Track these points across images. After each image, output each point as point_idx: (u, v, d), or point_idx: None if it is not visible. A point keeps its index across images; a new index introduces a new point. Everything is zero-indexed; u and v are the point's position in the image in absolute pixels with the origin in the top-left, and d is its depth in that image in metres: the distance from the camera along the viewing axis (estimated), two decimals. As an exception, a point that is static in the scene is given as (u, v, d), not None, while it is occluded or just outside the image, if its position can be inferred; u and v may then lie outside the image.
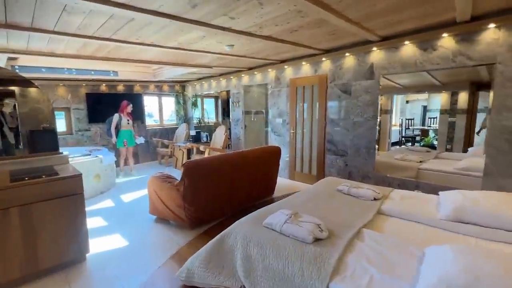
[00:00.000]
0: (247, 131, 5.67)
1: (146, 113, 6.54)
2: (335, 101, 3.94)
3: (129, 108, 5.02)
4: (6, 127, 2.72)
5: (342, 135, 3.90)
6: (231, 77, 5.64)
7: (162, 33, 2.44)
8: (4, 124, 2.76)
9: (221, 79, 5.93)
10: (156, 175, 2.96)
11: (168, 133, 6.80)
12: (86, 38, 2.23)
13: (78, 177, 2.16)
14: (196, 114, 7.02)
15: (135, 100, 6.12)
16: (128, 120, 5.03)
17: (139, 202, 3.78)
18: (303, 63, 4.25)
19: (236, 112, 5.73)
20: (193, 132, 5.96)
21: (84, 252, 2.24)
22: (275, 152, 3.70)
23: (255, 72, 5.09)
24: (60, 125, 5.44)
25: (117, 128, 4.95)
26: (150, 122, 6.87)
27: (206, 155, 4.94)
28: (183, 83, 6.99)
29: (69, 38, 2.24)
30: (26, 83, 2.62)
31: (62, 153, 2.60)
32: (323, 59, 3.98)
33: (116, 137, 4.95)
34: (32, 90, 2.70)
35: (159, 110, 6.85)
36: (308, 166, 4.50)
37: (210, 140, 6.14)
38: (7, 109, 2.78)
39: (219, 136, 5.35)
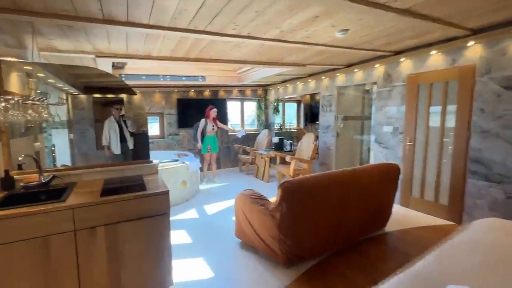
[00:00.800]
0: (339, 140, 4.79)
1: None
2: (490, 103, 2.70)
3: (213, 113, 4.89)
4: (127, 131, 2.73)
5: (502, 152, 2.62)
6: (323, 77, 4.88)
7: (264, 17, 1.94)
8: (125, 129, 2.78)
9: (309, 80, 5.25)
10: (246, 193, 2.48)
11: (248, 139, 6.54)
12: (181, 32, 1.93)
13: (165, 194, 1.82)
14: (277, 119, 6.54)
15: (219, 105, 6.06)
16: (213, 126, 4.92)
17: (223, 216, 3.42)
18: (433, 52, 3.14)
19: (326, 118, 4.93)
20: (275, 139, 5.46)
21: (167, 283, 1.88)
22: (393, 172, 2.74)
23: (355, 70, 4.19)
24: (155, 129, 5.80)
25: (203, 134, 4.89)
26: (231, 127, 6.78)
27: (292, 167, 4.32)
28: (266, 87, 6.64)
29: (164, 34, 1.98)
30: (130, 90, 2.56)
31: (152, 161, 2.39)
32: (469, 43, 2.80)
33: (201, 143, 4.88)
34: (135, 97, 2.65)
35: (241, 115, 6.67)
36: (434, 192, 3.30)
37: (292, 148, 5.51)
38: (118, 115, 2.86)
39: (307, 145, 4.65)
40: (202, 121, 4.89)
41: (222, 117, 6.06)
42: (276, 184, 4.93)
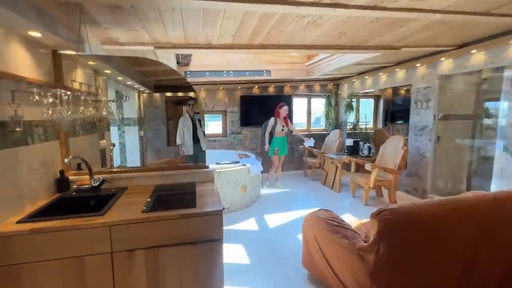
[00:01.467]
0: (439, 146, 3.67)
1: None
2: None
3: (284, 111, 4.35)
4: (200, 131, 2.58)
5: None
6: (418, 64, 3.82)
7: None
8: (198, 127, 2.65)
9: (397, 70, 4.22)
10: (320, 215, 1.89)
11: (314, 140, 5.84)
12: (245, 2, 1.48)
13: (218, 215, 1.40)
14: (350, 118, 5.64)
15: (285, 102, 5.56)
16: (283, 126, 4.38)
17: (287, 233, 2.90)
18: None
19: (420, 117, 3.85)
20: (348, 142, 4.62)
21: (217, 328, 1.48)
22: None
23: (473, 51, 3.06)
24: (217, 128, 5.69)
25: (271, 134, 4.41)
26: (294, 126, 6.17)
27: (373, 177, 3.48)
28: (338, 81, 5.80)
29: (225, 7, 1.56)
30: (192, 88, 2.31)
31: (208, 166, 2.04)
32: None
33: (269, 144, 4.42)
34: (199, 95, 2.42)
35: (307, 113, 6.02)
36: None
37: (370, 153, 4.57)
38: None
39: (393, 150, 3.71)
40: (272, 120, 4.39)
41: (289, 115, 5.53)
42: (348, 194, 4.14)
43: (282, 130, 4.40)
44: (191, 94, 2.91)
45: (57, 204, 1.53)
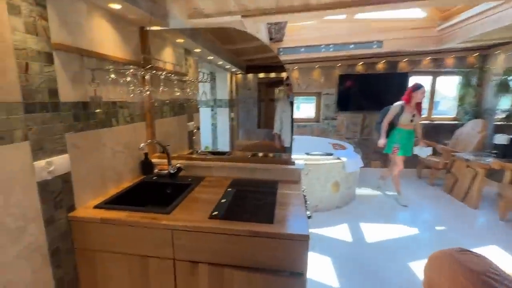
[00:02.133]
0: None
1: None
2: None
3: (420, 95, 3.02)
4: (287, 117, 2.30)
5: None
6: None
7: None
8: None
9: None
10: (466, 262, 1.17)
11: (437, 132, 4.45)
12: None
13: (303, 241, 0.99)
14: (503, 104, 3.92)
15: (397, 82, 4.41)
16: (413, 116, 3.08)
17: (391, 255, 2.20)
18: None
19: None
20: (500, 139, 3.18)
21: None
22: None
23: None
24: (309, 111, 5.15)
25: (392, 125, 3.20)
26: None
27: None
28: (487, 51, 4.10)
29: None
30: (285, 68, 1.94)
31: (294, 162, 1.62)
32: None
33: (387, 137, 3.22)
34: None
35: (430, 96, 4.60)
36: None
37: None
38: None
39: None
40: (397, 106, 3.12)
41: (399, 99, 4.37)
42: (492, 214, 2.88)
43: (411, 121, 3.09)
44: (283, 74, 2.56)
45: (138, 188, 1.49)
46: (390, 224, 2.74)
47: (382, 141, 3.22)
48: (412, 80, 4.49)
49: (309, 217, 1.54)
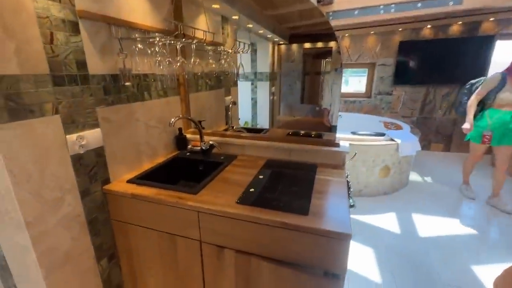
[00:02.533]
0: None
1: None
2: None
3: None
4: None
5: None
6: None
7: None
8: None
9: None
10: None
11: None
12: None
13: (342, 240, 0.84)
14: None
15: (477, 48, 3.60)
16: None
17: (450, 257, 1.90)
18: None
19: None
20: None
21: None
22: None
23: None
24: (359, 85, 4.62)
25: (483, 104, 2.47)
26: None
27: None
28: None
29: None
30: (334, 36, 1.67)
31: (338, 144, 1.42)
32: None
33: (475, 120, 2.49)
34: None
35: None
36: None
37: None
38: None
39: None
40: (494, 78, 2.35)
41: (478, 71, 3.58)
42: None
43: None
44: (333, 44, 2.24)
45: (171, 164, 1.47)
46: (450, 218, 2.37)
47: (467, 126, 2.45)
48: (500, 46, 3.60)
49: (351, 206, 1.36)
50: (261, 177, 1.24)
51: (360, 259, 1.87)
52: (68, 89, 0.96)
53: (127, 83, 1.20)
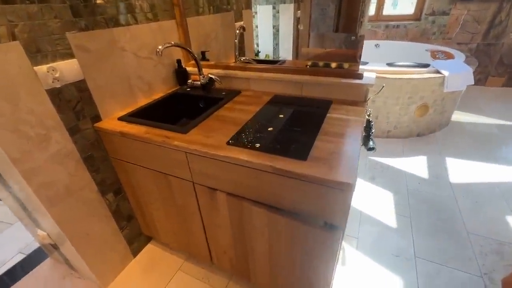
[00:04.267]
0: None
1: None
2: None
3: None
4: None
5: None
6: None
7: None
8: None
9: None
10: None
11: None
12: None
13: (343, 190, 0.69)
14: None
15: None
16: None
17: (480, 203, 1.70)
18: None
19: None
20: None
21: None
22: None
23: None
24: (406, 5, 3.74)
25: None
26: None
27: None
28: None
29: None
30: None
31: (361, 74, 1.14)
32: None
33: None
34: None
35: None
36: None
37: None
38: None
39: None
40: None
41: None
42: None
43: None
44: None
45: (168, 100, 1.35)
46: (490, 163, 2.07)
47: None
48: None
49: (370, 149, 1.18)
50: (262, 115, 1.08)
51: (377, 203, 1.77)
52: (22, 8, 0.80)
53: (98, 1, 1.00)
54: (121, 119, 1.11)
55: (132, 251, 1.45)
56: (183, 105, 1.39)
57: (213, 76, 1.31)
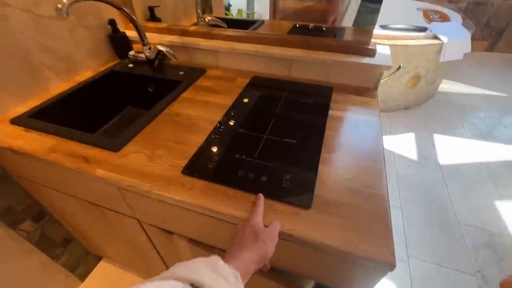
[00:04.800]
0: None
1: None
2: None
3: None
4: None
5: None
6: None
7: None
8: None
9: None
10: None
11: None
12: None
13: (384, 268, 0.43)
14: None
15: None
16: None
17: (470, 187, 1.61)
18: None
19: None
20: None
21: None
22: None
23: None
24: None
25: None
26: None
27: None
28: None
29: None
30: None
31: (373, 51, 0.82)
32: None
33: None
34: None
35: None
36: None
37: None
38: None
39: None
40: None
41: None
42: None
43: None
44: None
45: (101, 84, 0.93)
46: (476, 140, 1.98)
47: None
48: None
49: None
50: (237, 112, 0.74)
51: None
52: None
53: None
54: (16, 122, 0.71)
55: (79, 276, 1.16)
56: (125, 90, 0.99)
57: (163, 49, 0.89)
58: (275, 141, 0.64)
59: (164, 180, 0.54)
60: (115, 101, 1.00)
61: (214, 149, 0.61)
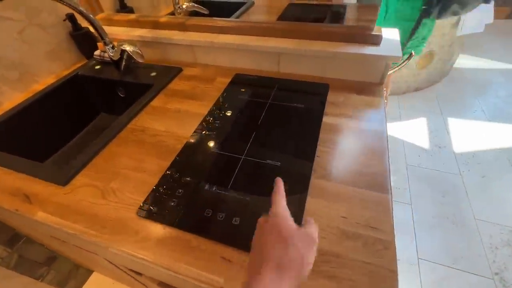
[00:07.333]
0: None
1: None
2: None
3: None
4: None
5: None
6: None
7: None
8: None
9: None
10: None
11: None
12: None
13: None
14: None
15: None
16: None
17: (488, 176, 1.46)
18: None
19: None
20: None
21: None
22: None
23: None
24: None
25: None
26: None
27: None
28: None
29: None
30: None
31: (379, 38, 0.67)
32: None
33: None
34: None
35: None
36: None
37: None
38: None
39: None
40: None
41: None
42: None
43: None
44: None
45: (63, 91, 0.82)
46: (495, 122, 1.80)
47: None
48: None
49: None
50: (209, 126, 0.62)
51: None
52: None
53: None
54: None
55: (70, 290, 1.12)
56: (94, 96, 0.87)
57: (128, 48, 0.76)
58: (255, 163, 0.52)
59: (116, 225, 0.44)
60: (84, 109, 0.89)
61: (179, 178, 0.50)
